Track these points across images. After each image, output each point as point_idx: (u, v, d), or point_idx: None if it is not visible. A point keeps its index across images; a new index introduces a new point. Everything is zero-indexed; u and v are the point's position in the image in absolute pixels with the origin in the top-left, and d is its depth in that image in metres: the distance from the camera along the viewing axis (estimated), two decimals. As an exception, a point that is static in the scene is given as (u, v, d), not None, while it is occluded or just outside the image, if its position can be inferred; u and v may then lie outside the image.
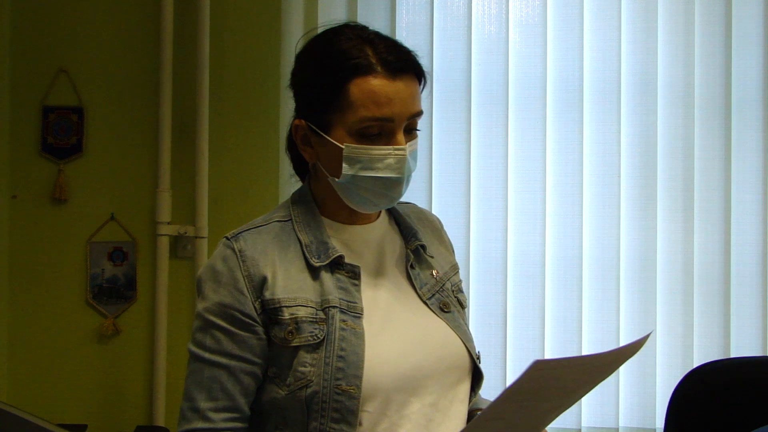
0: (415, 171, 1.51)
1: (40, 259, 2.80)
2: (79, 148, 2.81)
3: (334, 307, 1.43)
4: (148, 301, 2.80)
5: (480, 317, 2.77)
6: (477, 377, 1.56)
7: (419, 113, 1.47)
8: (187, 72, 2.78)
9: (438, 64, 2.77)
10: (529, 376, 1.23)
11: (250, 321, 1.43)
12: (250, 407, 1.45)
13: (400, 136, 1.44)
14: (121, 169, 2.81)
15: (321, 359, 1.41)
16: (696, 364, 2.59)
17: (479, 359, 1.55)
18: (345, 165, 1.44)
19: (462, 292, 1.63)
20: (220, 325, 1.44)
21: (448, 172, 2.78)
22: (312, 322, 1.43)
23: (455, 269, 1.65)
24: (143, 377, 2.80)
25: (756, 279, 2.78)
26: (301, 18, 2.79)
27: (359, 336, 1.42)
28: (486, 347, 2.72)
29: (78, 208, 2.80)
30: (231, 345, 1.43)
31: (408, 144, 1.45)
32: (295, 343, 1.42)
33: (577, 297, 2.77)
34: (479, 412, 1.49)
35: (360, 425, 1.40)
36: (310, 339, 1.42)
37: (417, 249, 1.57)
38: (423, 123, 2.66)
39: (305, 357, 1.41)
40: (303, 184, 1.58)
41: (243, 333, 1.43)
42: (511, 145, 2.78)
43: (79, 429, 2.58)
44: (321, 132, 1.46)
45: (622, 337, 2.77)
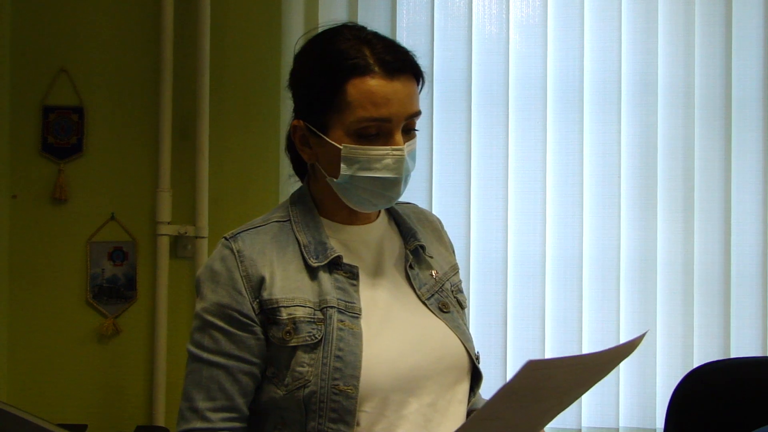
0: (415, 171, 1.51)
1: (40, 259, 2.80)
2: (80, 148, 2.81)
3: (332, 308, 1.43)
4: (148, 301, 2.80)
5: (480, 317, 2.77)
6: (476, 377, 1.56)
7: (417, 113, 1.47)
8: (187, 72, 2.78)
9: (438, 64, 2.77)
10: (523, 375, 1.23)
11: (248, 321, 1.43)
12: (248, 407, 1.46)
13: (398, 136, 1.44)
14: (122, 169, 2.81)
15: (319, 359, 1.41)
16: (696, 364, 2.59)
17: (478, 359, 1.55)
18: (343, 165, 1.44)
19: (462, 292, 1.63)
20: (218, 325, 1.44)
21: (448, 172, 2.78)
22: (310, 322, 1.43)
23: (455, 269, 1.65)
24: (143, 377, 2.80)
25: (756, 279, 2.78)
26: (302, 18, 2.78)
27: (357, 336, 1.42)
28: (486, 347, 2.72)
29: (78, 207, 2.80)
30: (229, 345, 1.43)
31: (406, 144, 1.45)
32: (293, 343, 1.42)
33: (577, 297, 2.77)
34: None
35: (358, 425, 1.40)
36: (307, 339, 1.42)
37: (416, 249, 1.57)
38: (423, 123, 2.69)
39: (303, 357, 1.41)
40: (302, 184, 1.58)
41: (241, 333, 1.43)
42: (512, 145, 2.78)
43: (79, 429, 2.58)
44: (319, 132, 1.46)
45: (622, 338, 2.76)
